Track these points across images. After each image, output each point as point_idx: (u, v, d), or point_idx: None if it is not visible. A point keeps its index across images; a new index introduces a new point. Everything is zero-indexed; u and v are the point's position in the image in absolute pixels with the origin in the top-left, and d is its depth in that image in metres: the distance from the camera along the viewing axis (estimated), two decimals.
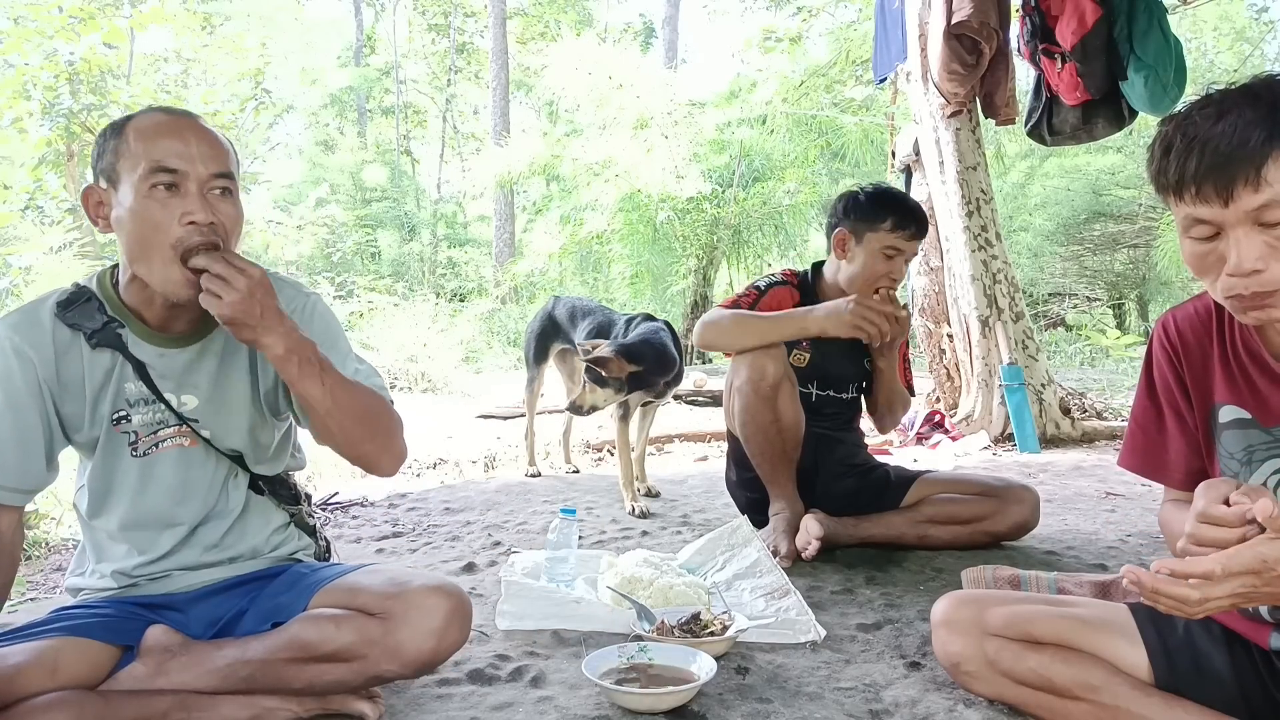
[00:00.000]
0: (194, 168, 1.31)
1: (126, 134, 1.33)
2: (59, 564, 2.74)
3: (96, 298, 1.41)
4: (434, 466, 4.20)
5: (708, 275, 9.81)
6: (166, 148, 1.31)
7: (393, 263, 15.79)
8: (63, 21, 6.72)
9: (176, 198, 1.31)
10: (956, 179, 4.62)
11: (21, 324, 1.38)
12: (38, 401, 1.37)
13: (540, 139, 11.31)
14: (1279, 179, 0.98)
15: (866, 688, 1.57)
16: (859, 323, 2.19)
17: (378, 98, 22.97)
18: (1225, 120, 1.00)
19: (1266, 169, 0.98)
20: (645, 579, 1.95)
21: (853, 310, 2.20)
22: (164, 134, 1.32)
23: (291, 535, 1.60)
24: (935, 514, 2.41)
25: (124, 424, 1.42)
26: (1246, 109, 1.00)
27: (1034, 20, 3.90)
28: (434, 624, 1.37)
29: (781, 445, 2.35)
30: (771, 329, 2.32)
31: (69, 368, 1.39)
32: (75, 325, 1.38)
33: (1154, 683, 1.28)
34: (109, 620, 1.39)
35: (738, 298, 2.48)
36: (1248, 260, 1.02)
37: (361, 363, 1.54)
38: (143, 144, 1.31)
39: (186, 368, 1.44)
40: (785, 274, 2.56)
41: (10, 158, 6.34)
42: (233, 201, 1.37)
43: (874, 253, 2.38)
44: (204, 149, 1.33)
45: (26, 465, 1.38)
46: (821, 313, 2.24)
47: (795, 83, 10.03)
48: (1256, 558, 0.98)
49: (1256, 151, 0.98)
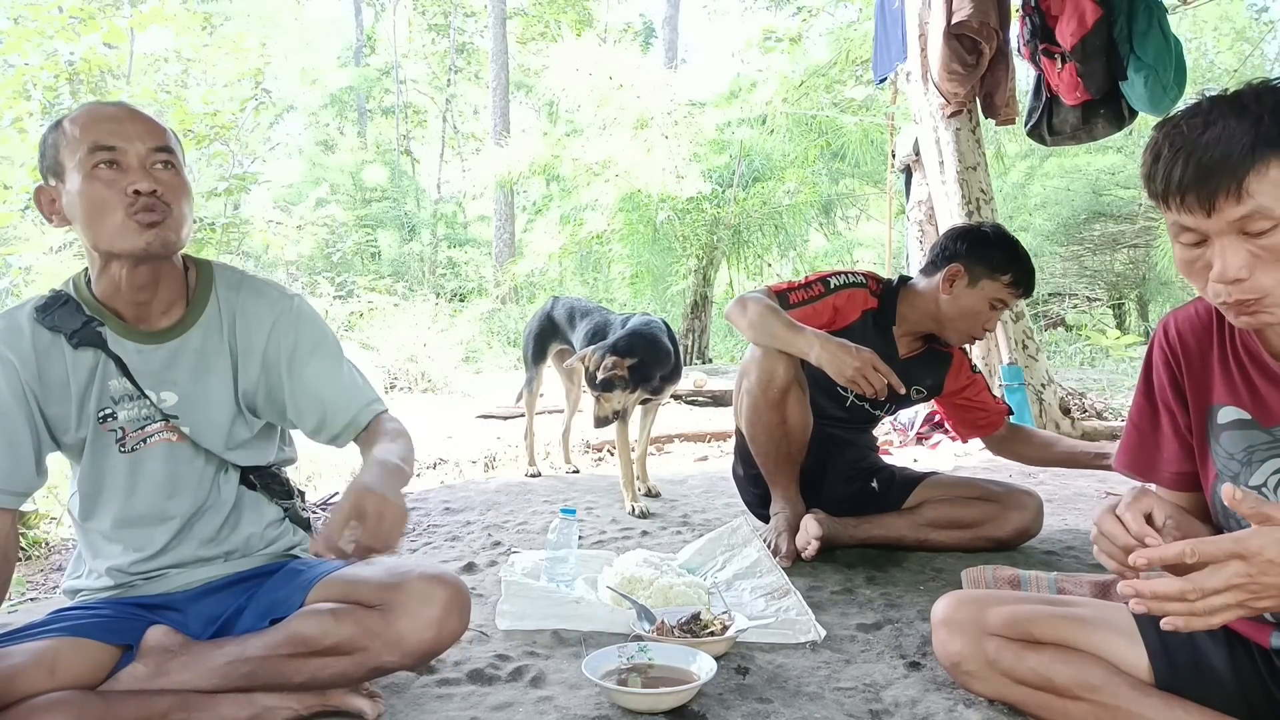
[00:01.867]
0: (132, 144, 1.36)
1: (63, 127, 1.38)
2: (59, 564, 2.74)
3: (74, 300, 1.43)
4: (434, 466, 4.20)
5: (708, 275, 9.80)
6: (103, 128, 1.35)
7: (393, 263, 15.79)
8: (63, 21, 6.72)
9: (119, 173, 1.35)
10: (956, 179, 4.62)
11: (1, 330, 1.40)
12: (23, 405, 1.38)
13: (540, 139, 11.30)
14: (1261, 190, 0.99)
15: (866, 688, 1.57)
16: (857, 380, 2.10)
17: (378, 98, 22.97)
18: (1211, 130, 1.01)
19: (1248, 181, 0.99)
20: (645, 579, 1.95)
21: (857, 370, 2.09)
22: (99, 118, 1.37)
23: (286, 530, 1.60)
24: (936, 517, 2.41)
25: (110, 421, 1.43)
26: (1232, 119, 1.00)
27: (1034, 20, 3.90)
28: (434, 613, 1.37)
29: (787, 448, 2.35)
30: (782, 340, 2.23)
31: (51, 370, 1.40)
32: (55, 328, 1.40)
33: (1154, 682, 1.28)
34: (108, 620, 1.40)
35: (790, 286, 2.39)
36: (1231, 269, 1.03)
37: (354, 368, 1.55)
38: (79, 129, 1.36)
39: (165, 364, 1.45)
40: (868, 276, 2.46)
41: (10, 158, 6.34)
42: (176, 173, 1.40)
43: (983, 299, 2.33)
44: (139, 127, 1.37)
45: (16, 467, 1.39)
46: (828, 353, 2.13)
47: (795, 83, 10.03)
48: (1234, 542, 0.97)
49: (1239, 163, 0.99)
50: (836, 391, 2.42)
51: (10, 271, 5.57)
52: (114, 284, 1.42)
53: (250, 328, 1.49)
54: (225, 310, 1.49)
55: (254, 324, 1.49)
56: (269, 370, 1.49)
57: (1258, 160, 0.99)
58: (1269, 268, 1.02)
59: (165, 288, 1.45)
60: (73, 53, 6.80)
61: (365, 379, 1.55)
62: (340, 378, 1.51)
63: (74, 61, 6.78)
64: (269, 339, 1.49)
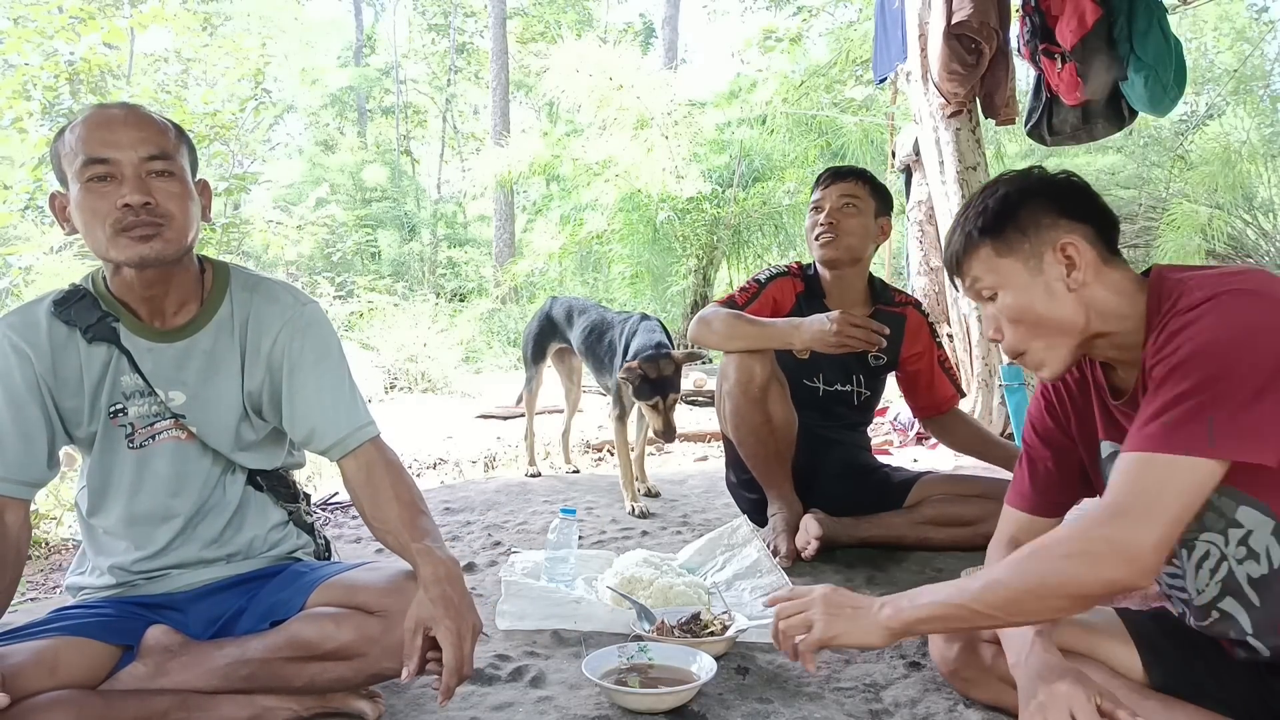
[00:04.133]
0: (124, 154, 1.33)
1: (65, 136, 1.36)
2: (59, 564, 2.75)
3: (91, 294, 1.43)
4: (434, 466, 4.20)
5: (708, 275, 9.80)
6: (97, 139, 1.33)
7: (393, 263, 15.79)
8: (63, 21, 6.71)
9: (113, 185, 1.33)
10: (957, 179, 4.61)
11: (18, 323, 1.40)
12: (37, 397, 1.39)
13: (540, 139, 11.30)
14: (976, 268, 1.28)
15: (867, 688, 1.57)
16: (843, 341, 2.18)
17: (378, 98, 22.96)
18: (955, 227, 1.32)
19: (966, 266, 1.30)
20: (645, 579, 1.95)
21: (836, 331, 2.18)
22: (95, 127, 1.35)
23: (290, 533, 1.60)
24: (936, 515, 2.41)
25: (120, 416, 1.43)
26: (961, 216, 1.31)
27: (1034, 20, 3.89)
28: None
29: (774, 446, 2.36)
30: (759, 336, 2.33)
31: (66, 363, 1.40)
32: (71, 322, 1.40)
33: (1149, 684, 1.28)
34: (109, 620, 1.40)
35: (733, 294, 2.50)
36: (987, 330, 1.31)
37: (355, 388, 1.53)
38: (77, 139, 1.34)
39: (175, 364, 1.45)
40: (790, 266, 2.59)
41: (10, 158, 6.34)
42: (176, 180, 1.37)
43: (810, 213, 2.51)
44: (133, 134, 1.34)
45: (30, 458, 1.39)
46: (807, 333, 2.23)
47: (795, 83, 10.01)
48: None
49: (959, 257, 1.31)
50: (805, 385, 2.48)
51: (10, 271, 5.57)
52: (126, 283, 1.42)
53: (260, 330, 1.48)
54: (238, 312, 1.49)
55: (264, 327, 1.48)
56: (273, 374, 1.49)
57: (971, 248, 1.29)
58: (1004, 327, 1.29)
59: (177, 288, 1.45)
60: (73, 53, 6.79)
61: (363, 401, 1.53)
62: (339, 395, 1.49)
63: (74, 61, 6.77)
64: (276, 343, 1.48)
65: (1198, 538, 1.20)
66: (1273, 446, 1.04)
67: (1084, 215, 1.25)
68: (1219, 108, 8.59)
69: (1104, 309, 1.22)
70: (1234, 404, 1.04)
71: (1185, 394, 1.07)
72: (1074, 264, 1.22)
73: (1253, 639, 1.19)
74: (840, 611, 1.31)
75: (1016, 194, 1.27)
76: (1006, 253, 1.25)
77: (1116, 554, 1.07)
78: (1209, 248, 7.59)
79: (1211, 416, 1.05)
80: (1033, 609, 1.17)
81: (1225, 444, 1.04)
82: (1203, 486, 1.07)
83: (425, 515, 1.43)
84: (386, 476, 1.44)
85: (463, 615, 1.27)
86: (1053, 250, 1.22)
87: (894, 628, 1.26)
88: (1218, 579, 1.19)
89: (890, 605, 1.28)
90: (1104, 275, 1.23)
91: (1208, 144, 7.94)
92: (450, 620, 1.26)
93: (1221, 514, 1.16)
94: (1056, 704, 1.13)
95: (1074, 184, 1.29)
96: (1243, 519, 1.14)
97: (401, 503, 1.41)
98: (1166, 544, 1.07)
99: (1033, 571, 1.14)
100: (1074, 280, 1.22)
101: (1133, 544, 1.07)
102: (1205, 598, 1.22)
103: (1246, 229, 7.76)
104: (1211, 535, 1.18)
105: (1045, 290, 1.22)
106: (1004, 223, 1.25)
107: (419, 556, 1.34)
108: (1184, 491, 1.06)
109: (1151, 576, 1.09)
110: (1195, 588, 1.23)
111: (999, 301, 1.26)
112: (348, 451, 1.47)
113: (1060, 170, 1.31)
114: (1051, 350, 1.25)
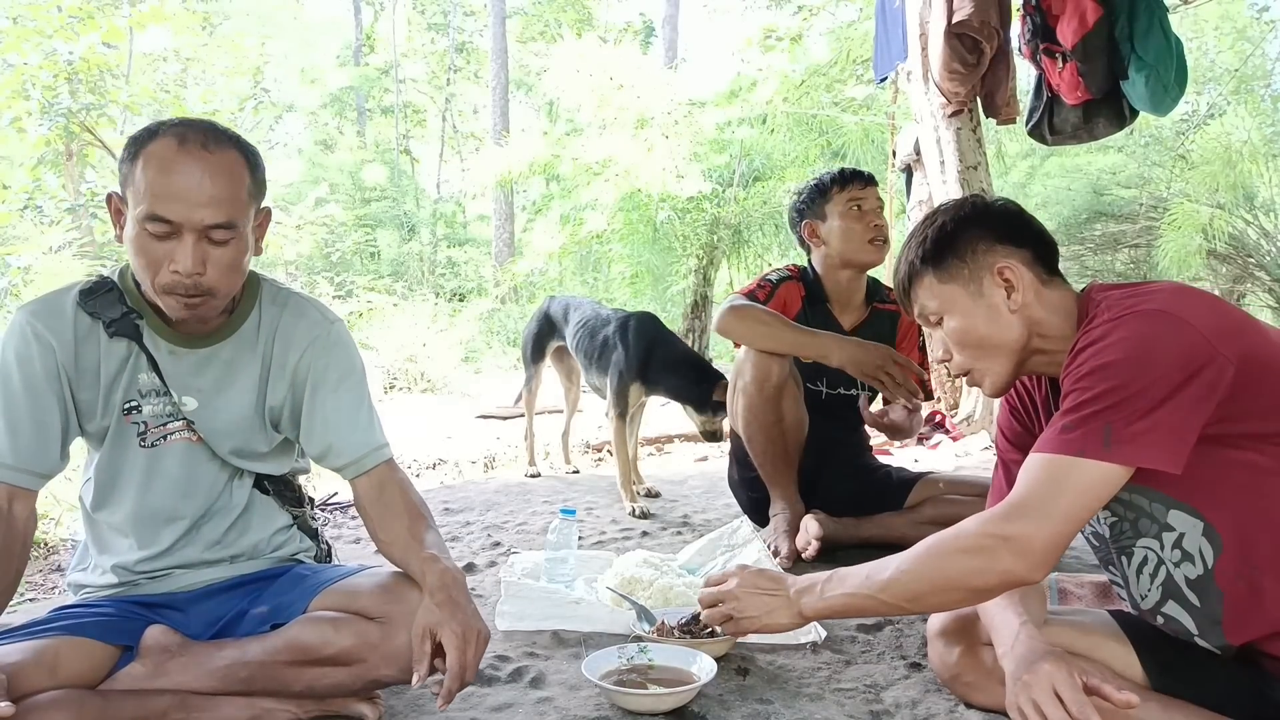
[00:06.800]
0: (190, 217, 1.28)
1: (138, 163, 1.30)
2: (58, 564, 2.74)
3: (118, 289, 1.43)
4: (433, 467, 4.20)
5: (708, 275, 9.79)
6: (166, 193, 1.28)
7: (392, 262, 15.77)
8: (62, 21, 6.71)
9: (170, 242, 1.30)
10: (957, 179, 4.61)
11: (43, 311, 1.39)
12: (56, 387, 1.38)
13: (540, 138, 11.27)
14: (922, 295, 1.37)
15: (867, 689, 1.57)
16: (880, 378, 2.19)
17: (377, 97, 22.94)
18: (900, 258, 1.39)
19: (913, 293, 1.38)
20: (645, 580, 1.95)
21: (879, 365, 2.19)
22: (168, 172, 1.28)
23: (293, 537, 1.60)
24: (937, 516, 2.40)
25: (134, 414, 1.43)
26: (905, 246, 1.39)
27: (1035, 19, 3.89)
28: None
29: (784, 446, 2.35)
30: (795, 343, 2.30)
31: (87, 355, 1.40)
32: (95, 314, 1.40)
33: (1149, 685, 1.29)
34: (109, 619, 1.40)
35: (752, 289, 2.48)
36: (936, 352, 1.38)
37: (373, 410, 1.52)
38: (146, 181, 1.28)
39: (192, 370, 1.45)
40: (790, 269, 2.57)
41: (9, 157, 6.35)
42: (233, 246, 1.34)
43: (843, 215, 2.45)
44: (205, 194, 1.29)
45: (42, 449, 1.38)
46: (848, 354, 2.22)
47: (796, 82, 10.00)
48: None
49: (905, 286, 1.39)
50: (809, 389, 2.47)
51: (9, 271, 5.57)
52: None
53: (287, 345, 1.48)
54: (265, 325, 1.49)
55: (291, 342, 1.48)
56: (295, 389, 1.49)
57: (916, 276, 1.37)
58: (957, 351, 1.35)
59: (187, 320, 1.44)
60: (72, 52, 6.79)
61: (380, 423, 1.54)
62: (357, 416, 1.49)
63: (73, 61, 6.78)
64: (302, 358, 1.48)
65: (1135, 544, 1.24)
66: (1172, 454, 1.11)
67: (1021, 240, 1.32)
68: (1220, 107, 8.58)
69: (1044, 329, 1.29)
70: (1131, 413, 1.11)
71: (1086, 403, 1.14)
72: (1013, 286, 1.29)
73: (1199, 639, 1.22)
74: (756, 598, 1.44)
75: (953, 223, 1.34)
76: (948, 279, 1.33)
77: (1009, 549, 1.14)
78: (1210, 247, 7.58)
79: (1109, 424, 1.12)
80: (934, 602, 1.27)
81: (1120, 450, 1.11)
82: (1098, 488, 1.13)
83: (433, 531, 1.44)
84: (398, 496, 1.46)
85: (468, 620, 1.28)
86: (991, 274, 1.30)
87: (807, 615, 1.40)
88: (1158, 583, 1.23)
89: (807, 593, 1.39)
90: (1043, 296, 1.30)
91: (1209, 143, 7.93)
92: (456, 624, 1.27)
93: (1155, 519, 1.20)
94: (1040, 682, 1.14)
95: (1009, 210, 1.36)
96: (1174, 522, 1.19)
97: (411, 519, 1.43)
98: (1059, 540, 1.14)
99: (934, 566, 1.21)
100: (1014, 302, 1.29)
101: (1025, 539, 1.14)
102: (1149, 602, 1.25)
103: (1248, 229, 7.75)
104: (1148, 541, 1.22)
105: (988, 313, 1.30)
106: (943, 251, 1.33)
107: (425, 564, 1.35)
108: (1080, 491, 1.13)
109: (1044, 571, 1.16)
110: (1138, 593, 1.26)
111: (945, 325, 1.35)
112: (362, 472, 1.48)
113: (997, 198, 1.39)
114: (994, 368, 1.33)
